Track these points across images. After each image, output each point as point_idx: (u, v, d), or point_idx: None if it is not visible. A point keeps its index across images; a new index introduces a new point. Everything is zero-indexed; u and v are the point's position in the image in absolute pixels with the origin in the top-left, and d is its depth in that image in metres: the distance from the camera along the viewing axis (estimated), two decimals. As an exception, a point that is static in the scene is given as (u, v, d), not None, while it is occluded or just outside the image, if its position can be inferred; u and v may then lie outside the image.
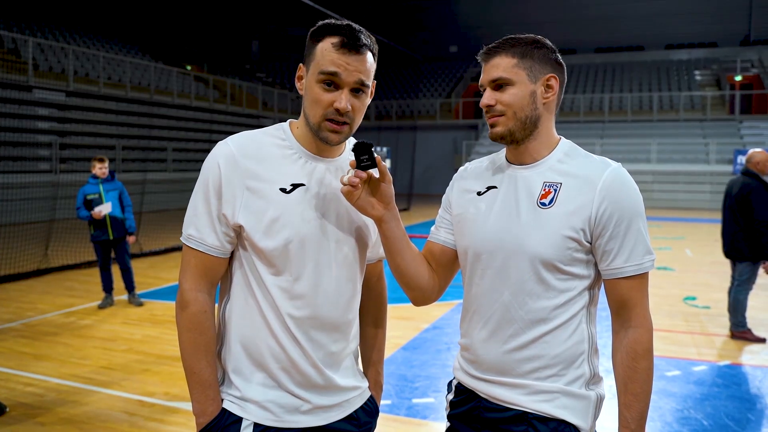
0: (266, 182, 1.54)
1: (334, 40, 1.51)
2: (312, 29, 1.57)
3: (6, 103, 15.31)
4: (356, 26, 1.54)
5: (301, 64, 1.61)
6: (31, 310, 7.02)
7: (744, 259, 5.87)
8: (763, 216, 5.68)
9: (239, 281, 1.60)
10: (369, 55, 1.54)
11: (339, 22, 1.54)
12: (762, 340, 5.93)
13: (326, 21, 1.56)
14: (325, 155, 1.63)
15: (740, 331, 6.01)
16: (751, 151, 6.03)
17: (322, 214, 1.58)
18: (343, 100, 1.51)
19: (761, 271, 5.87)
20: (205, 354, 1.58)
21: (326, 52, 1.51)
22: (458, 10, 36.77)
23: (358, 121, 1.58)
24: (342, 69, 1.50)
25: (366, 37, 1.54)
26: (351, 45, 1.50)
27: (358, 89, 1.54)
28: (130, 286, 7.30)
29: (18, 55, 18.41)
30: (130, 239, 7.21)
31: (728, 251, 6.02)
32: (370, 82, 1.56)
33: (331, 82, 1.51)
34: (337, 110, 1.51)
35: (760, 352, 5.67)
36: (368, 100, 1.60)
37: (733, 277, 6.09)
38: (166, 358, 5.37)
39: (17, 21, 22.29)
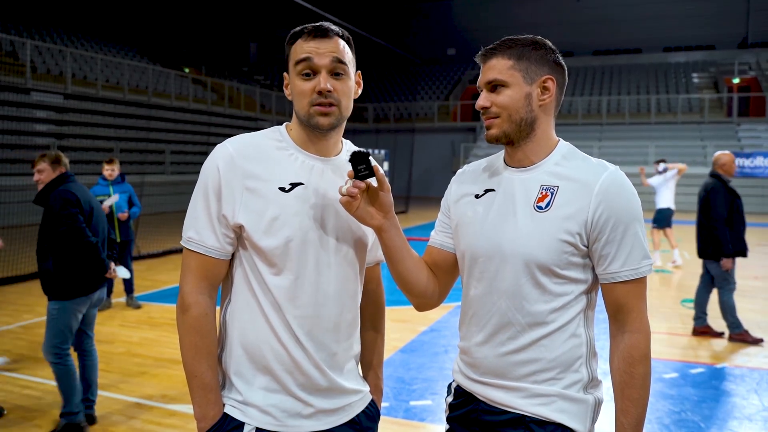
0: (265, 182, 1.55)
1: (303, 35, 1.58)
2: (287, 39, 1.62)
3: (4, 105, 15.29)
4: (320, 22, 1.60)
5: (285, 73, 1.65)
6: (28, 312, 7.00)
7: (714, 259, 5.98)
8: (718, 214, 5.84)
9: (240, 283, 1.60)
10: (339, 40, 1.58)
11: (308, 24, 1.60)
12: (759, 341, 5.94)
13: (296, 28, 1.61)
14: (323, 154, 1.64)
15: (737, 333, 6.03)
16: (718, 153, 6.20)
17: (321, 212, 1.59)
18: (321, 81, 1.54)
19: (757, 272, 5.90)
20: (207, 357, 1.57)
21: (297, 47, 1.58)
22: (456, 12, 36.81)
23: (347, 105, 1.60)
24: (313, 53, 1.55)
25: (333, 26, 1.59)
26: (317, 32, 1.56)
27: (337, 72, 1.57)
28: (129, 289, 7.29)
29: (16, 57, 18.38)
30: (123, 215, 6.90)
31: (699, 252, 6.15)
32: (348, 63, 1.59)
33: (308, 70, 1.55)
34: (319, 92, 1.54)
35: (757, 355, 5.68)
36: (352, 85, 1.62)
37: (703, 276, 6.23)
38: (163, 360, 5.36)
39: (15, 23, 22.27)
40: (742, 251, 5.93)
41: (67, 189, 3.91)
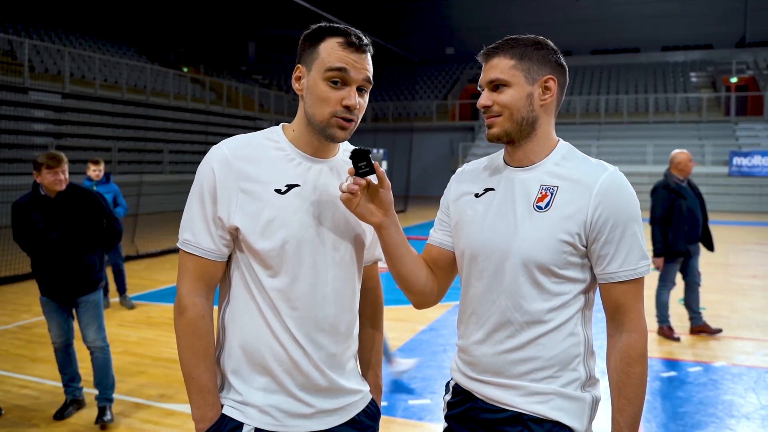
0: (261, 183, 1.54)
1: (339, 39, 1.53)
2: (308, 32, 1.58)
3: (2, 105, 15.27)
4: (354, 29, 1.57)
5: (299, 65, 1.60)
6: (26, 312, 7.00)
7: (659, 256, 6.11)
8: (653, 214, 5.96)
9: (238, 284, 1.59)
10: (369, 57, 1.58)
11: (337, 25, 1.56)
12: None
13: (323, 24, 1.58)
14: (320, 156, 1.63)
15: (659, 327, 6.15)
16: (675, 151, 6.22)
17: (318, 214, 1.58)
18: (352, 96, 1.53)
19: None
20: (204, 359, 1.57)
21: (333, 51, 1.53)
22: (454, 12, 36.81)
23: (359, 120, 1.60)
24: (350, 66, 1.52)
25: (367, 39, 1.57)
26: (356, 44, 1.53)
27: (362, 88, 1.56)
28: (122, 288, 7.28)
29: (14, 56, 18.35)
30: None
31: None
32: (371, 82, 1.59)
33: (339, 79, 1.52)
34: (347, 107, 1.53)
35: (754, 353, 5.69)
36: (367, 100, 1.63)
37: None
38: (161, 360, 5.36)
39: (13, 23, 22.25)
40: (682, 251, 5.96)
41: (92, 189, 4.11)
